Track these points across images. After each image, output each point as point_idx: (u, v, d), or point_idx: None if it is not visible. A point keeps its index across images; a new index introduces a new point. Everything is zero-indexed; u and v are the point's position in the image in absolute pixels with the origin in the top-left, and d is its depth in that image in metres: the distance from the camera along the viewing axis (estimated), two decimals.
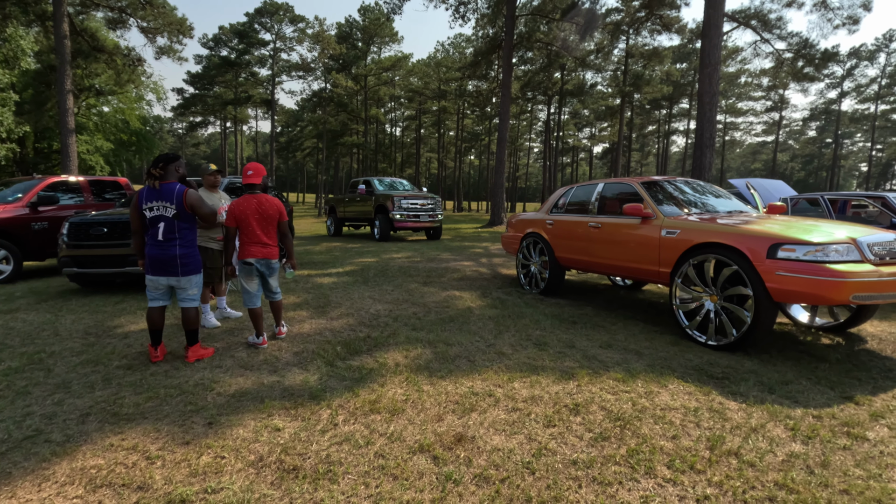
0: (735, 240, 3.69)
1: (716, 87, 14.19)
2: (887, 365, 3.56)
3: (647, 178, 5.06)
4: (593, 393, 3.04)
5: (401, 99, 56.38)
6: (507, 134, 19.48)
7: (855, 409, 2.84)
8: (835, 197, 6.91)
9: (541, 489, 2.08)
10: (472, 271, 7.73)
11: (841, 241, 3.36)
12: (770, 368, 3.45)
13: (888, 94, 50.83)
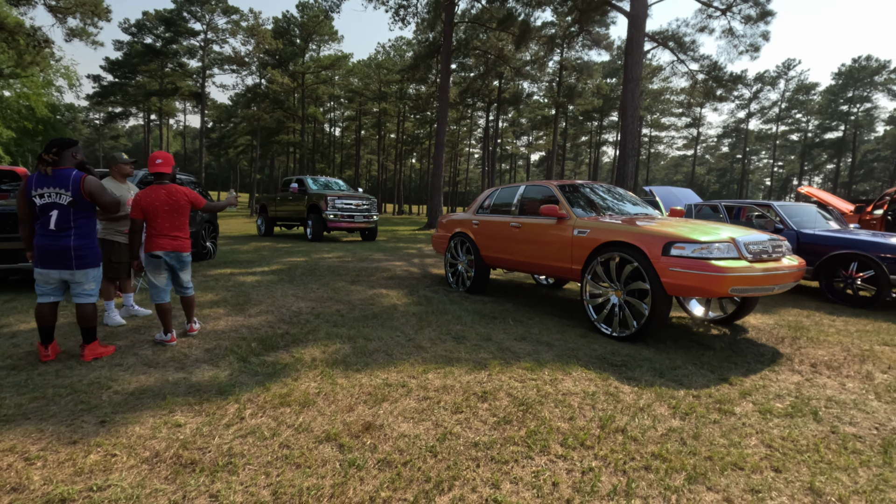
0: (636, 238, 4.01)
1: (638, 102, 15.19)
2: (761, 351, 4.00)
3: (564, 182, 5.36)
4: (502, 381, 3.19)
5: (340, 99, 55.48)
6: (446, 138, 19.73)
7: (728, 388, 3.18)
8: (731, 204, 7.65)
9: (441, 470, 2.17)
10: (403, 271, 7.78)
11: (723, 240, 3.75)
12: (663, 356, 3.78)
13: (787, 116, 56.67)
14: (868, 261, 5.73)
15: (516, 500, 1.98)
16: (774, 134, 58.25)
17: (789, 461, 2.33)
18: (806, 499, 2.04)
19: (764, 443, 2.50)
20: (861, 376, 3.46)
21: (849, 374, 3.51)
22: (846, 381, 3.36)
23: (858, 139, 54.84)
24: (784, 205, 6.95)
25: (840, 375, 3.48)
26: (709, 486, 2.11)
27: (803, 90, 54.10)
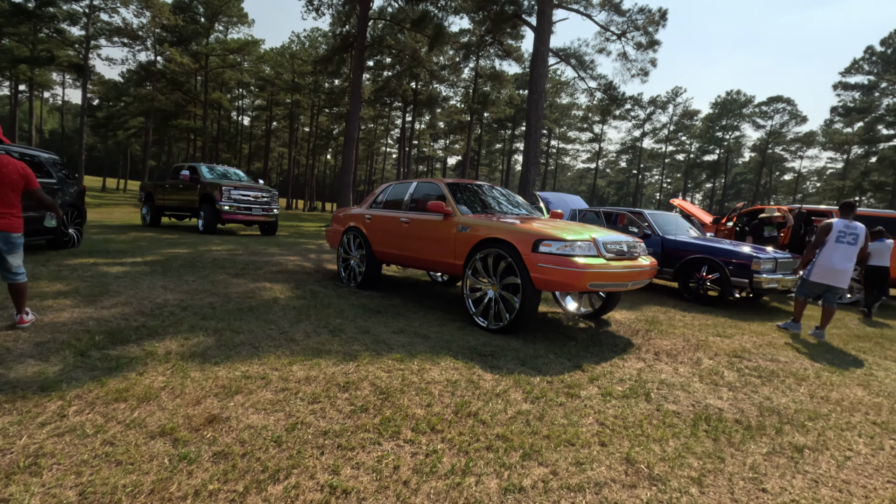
0: (510, 236, 4.21)
1: (541, 112, 16.03)
2: (616, 342, 4.40)
3: (453, 180, 5.50)
4: (369, 372, 3.18)
5: (251, 86, 52.37)
6: (357, 134, 19.42)
7: (580, 375, 3.44)
8: (609, 211, 8.36)
9: (281, 459, 2.11)
10: (296, 266, 7.51)
11: (584, 239, 4.06)
12: (529, 346, 4.01)
13: (674, 137, 63.12)
14: (716, 265, 6.53)
15: (353, 484, 1.98)
16: (664, 153, 64.55)
17: (615, 436, 2.57)
18: (620, 467, 2.26)
19: (598, 421, 2.73)
20: (692, 362, 3.93)
21: (683, 360, 3.97)
22: (679, 367, 3.79)
23: (730, 162, 62.55)
24: (653, 213, 7.72)
25: (676, 362, 3.92)
26: (541, 461, 2.27)
27: (688, 116, 60.63)
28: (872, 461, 2.50)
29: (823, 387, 3.58)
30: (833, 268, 5.18)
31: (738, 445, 2.56)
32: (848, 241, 5.17)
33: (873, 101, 42.24)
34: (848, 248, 5.17)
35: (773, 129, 56.12)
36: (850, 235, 5.18)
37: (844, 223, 5.25)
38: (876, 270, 7.07)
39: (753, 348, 4.49)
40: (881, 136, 43.40)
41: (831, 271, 5.18)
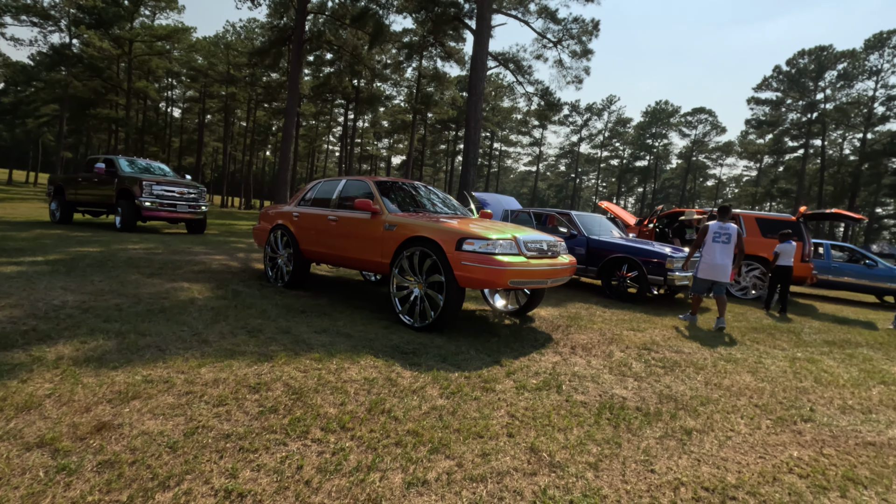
0: (435, 234, 4.25)
1: (479, 115, 16.29)
2: (537, 337, 4.56)
3: (382, 179, 5.48)
4: (284, 372, 3.10)
5: (182, 76, 49.46)
6: (296, 131, 18.84)
7: (498, 369, 3.54)
8: (539, 212, 8.66)
9: (175, 465, 2.01)
10: (221, 265, 7.18)
11: (506, 238, 4.18)
12: (452, 343, 4.06)
13: (609, 143, 66.29)
14: (635, 264, 6.93)
15: (251, 486, 1.93)
16: (599, 158, 67.61)
17: (524, 427, 2.66)
18: (524, 456, 2.35)
19: (509, 414, 2.82)
20: (605, 355, 4.14)
21: (596, 353, 4.18)
22: (592, 360, 3.99)
23: (659, 168, 66.53)
24: (580, 215, 8.07)
25: (590, 355, 4.12)
26: (448, 454, 2.30)
27: (621, 123, 63.88)
28: (749, 440, 2.75)
29: (718, 374, 3.89)
30: (714, 264, 5.87)
31: (635, 431, 2.73)
32: (723, 241, 5.88)
33: (780, 115, 46.43)
34: (723, 246, 5.88)
35: (697, 138, 60.33)
36: (723, 235, 5.89)
37: (719, 225, 5.97)
38: (782, 270, 7.75)
39: (662, 341, 4.81)
40: (787, 148, 47.81)
41: (713, 267, 5.87)
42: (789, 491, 2.23)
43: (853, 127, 42.37)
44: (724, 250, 5.86)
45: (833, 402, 3.52)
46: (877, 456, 2.69)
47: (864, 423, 3.18)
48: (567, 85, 20.06)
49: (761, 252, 8.91)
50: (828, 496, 2.22)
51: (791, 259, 7.71)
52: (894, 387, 4.05)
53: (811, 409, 3.31)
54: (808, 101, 43.32)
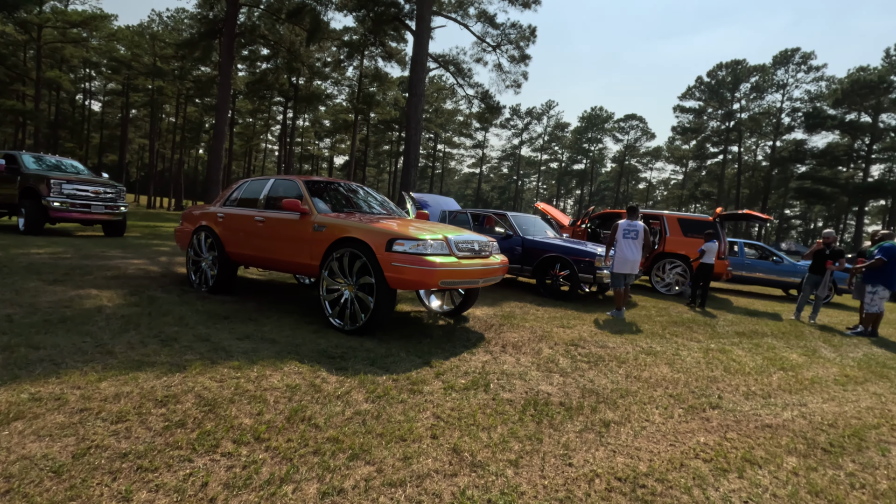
0: (365, 235, 4.17)
1: (420, 116, 16.28)
2: (470, 337, 4.58)
3: (312, 178, 5.32)
4: (197, 382, 2.91)
5: (102, 68, 45.87)
6: (228, 127, 17.97)
7: (427, 371, 3.51)
8: (477, 213, 8.78)
9: (58, 491, 1.82)
10: (138, 269, 6.68)
11: (437, 238, 4.17)
12: (383, 346, 4.00)
13: (548, 147, 68.51)
14: (567, 262, 7.16)
15: None
16: (539, 161, 69.70)
17: (448, 428, 2.64)
18: (446, 458, 2.33)
19: (435, 415, 2.80)
20: (534, 352, 4.23)
21: (526, 351, 4.26)
22: (521, 357, 4.06)
23: (595, 172, 69.57)
24: (516, 215, 8.25)
25: (519, 353, 4.19)
26: (368, 460, 2.24)
27: (560, 127, 66.21)
28: (662, 428, 2.89)
29: (638, 367, 4.08)
30: (626, 258, 6.36)
31: (557, 426, 2.79)
32: (632, 237, 6.37)
33: (703, 123, 49.94)
34: (633, 242, 6.37)
35: (629, 143, 63.65)
36: (632, 232, 6.40)
37: (627, 223, 6.48)
38: (704, 267, 8.26)
39: (589, 336, 4.98)
40: (709, 153, 51.47)
41: (625, 262, 6.36)
42: (694, 475, 2.36)
43: (765, 135, 46.35)
44: (634, 246, 6.37)
45: (739, 389, 3.79)
46: (772, 437, 2.91)
47: (763, 406, 3.43)
48: (506, 89, 20.51)
49: (683, 250, 9.50)
50: (727, 478, 2.37)
51: (713, 257, 8.25)
52: (791, 372, 4.42)
53: (719, 397, 3.54)
54: (726, 110, 46.90)
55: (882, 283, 6.95)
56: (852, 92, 37.83)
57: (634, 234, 6.36)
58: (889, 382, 4.46)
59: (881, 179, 40.49)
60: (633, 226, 6.42)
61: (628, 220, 6.50)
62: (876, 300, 6.97)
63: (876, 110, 38.82)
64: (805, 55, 42.41)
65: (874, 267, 6.93)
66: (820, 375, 4.42)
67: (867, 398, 3.91)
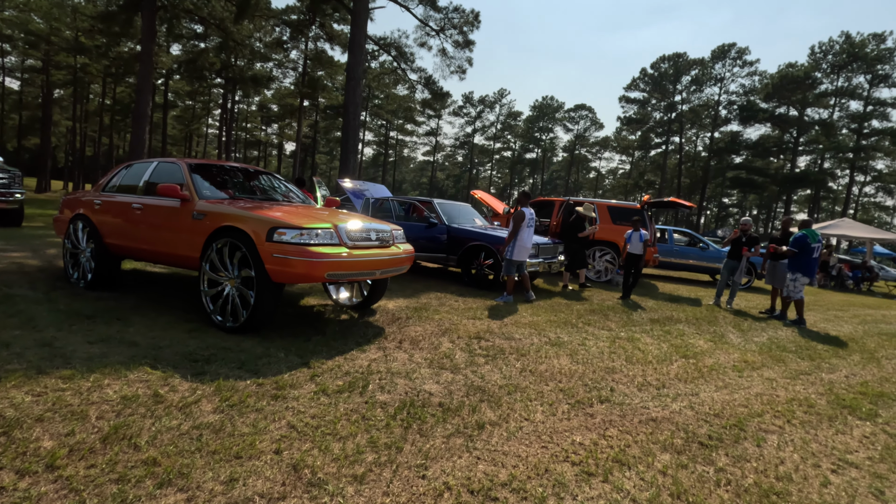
0: (244, 223, 3.78)
1: (358, 100, 15.70)
2: (368, 332, 4.29)
3: (198, 161, 4.83)
4: (7, 397, 2.47)
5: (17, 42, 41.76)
6: (149, 109, 16.73)
7: (304, 372, 3.20)
8: (403, 200, 8.47)
9: None
10: (12, 263, 5.96)
11: (324, 227, 3.83)
12: (262, 345, 3.64)
13: (501, 136, 68.81)
14: (491, 251, 6.99)
15: None
16: (493, 149, 69.95)
17: (299, 440, 2.35)
18: (281, 477, 2.04)
19: (290, 425, 2.49)
20: (431, 347, 4.00)
21: (423, 346, 4.02)
22: (416, 353, 3.81)
23: (547, 161, 70.60)
24: (442, 203, 8.00)
25: (416, 348, 3.95)
26: (182, 486, 1.92)
27: (512, 116, 66.57)
28: (540, 428, 2.72)
29: (538, 360, 3.93)
30: (525, 246, 6.41)
31: (426, 431, 2.56)
32: (533, 225, 6.52)
33: (647, 114, 51.50)
34: (531, 230, 6.49)
35: (579, 133, 64.89)
36: (532, 220, 6.51)
37: (530, 212, 6.54)
38: (632, 257, 8.29)
39: (498, 328, 4.81)
40: (653, 144, 53.23)
41: (525, 250, 6.41)
42: (555, 482, 2.18)
43: (704, 127, 48.38)
44: (532, 234, 6.49)
45: (634, 379, 3.70)
46: (652, 432, 2.80)
47: (654, 398, 3.35)
48: (451, 74, 20.16)
49: (613, 238, 9.58)
50: (590, 483, 2.21)
51: (640, 247, 8.30)
52: (693, 360, 4.41)
53: (611, 389, 3.43)
54: (668, 101, 48.54)
55: (800, 270, 7.05)
56: (782, 86, 40.01)
57: (533, 221, 6.49)
58: (784, 367, 4.55)
59: (806, 170, 43.25)
60: (532, 213, 6.50)
61: (530, 209, 6.54)
62: (798, 286, 7.06)
63: (802, 104, 41.28)
64: (741, 50, 44.40)
65: (787, 256, 7.11)
66: (720, 362, 4.44)
67: (759, 384, 3.93)
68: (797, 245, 7.04)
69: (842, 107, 41.46)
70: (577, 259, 8.36)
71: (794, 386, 3.98)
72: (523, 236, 6.32)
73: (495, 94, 64.43)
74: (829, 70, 40.27)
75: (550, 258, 7.49)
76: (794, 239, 7.12)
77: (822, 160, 43.39)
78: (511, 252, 6.36)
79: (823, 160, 43.41)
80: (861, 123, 39.65)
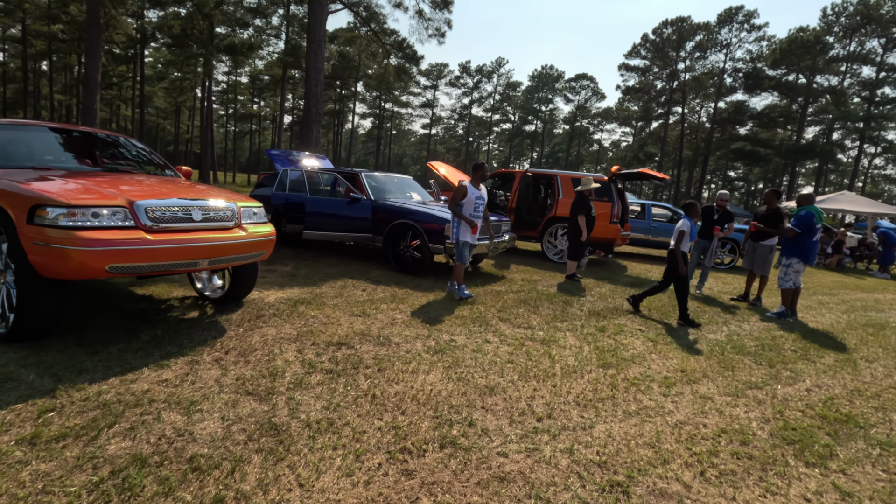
0: (5, 199, 2.86)
1: (321, 64, 14.52)
2: (197, 337, 3.39)
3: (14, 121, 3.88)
4: None
5: None
6: (98, 74, 15.63)
7: (34, 406, 2.32)
8: (328, 170, 7.49)
9: None
10: None
11: (110, 204, 2.90)
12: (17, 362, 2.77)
13: (500, 107, 66.71)
14: (416, 230, 6.05)
15: None
16: (491, 121, 67.99)
17: None
18: None
19: None
20: (264, 360, 3.09)
21: (253, 358, 3.11)
22: (233, 370, 2.92)
23: (548, 133, 68.60)
24: (370, 175, 7.02)
25: (240, 362, 3.04)
26: None
27: (511, 87, 64.35)
28: (314, 499, 1.84)
29: (398, 377, 3.03)
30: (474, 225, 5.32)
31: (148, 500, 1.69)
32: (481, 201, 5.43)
33: (648, 83, 49.40)
34: (482, 206, 5.43)
35: (580, 104, 62.76)
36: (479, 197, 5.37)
37: (472, 188, 5.33)
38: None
39: (378, 330, 3.90)
40: (654, 115, 51.29)
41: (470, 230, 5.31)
42: None
43: (708, 96, 46.34)
44: (480, 210, 5.44)
45: (516, 404, 2.81)
46: (487, 502, 1.92)
47: (525, 436, 2.46)
48: (429, 38, 18.78)
49: None
50: None
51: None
52: (613, 370, 3.52)
53: (470, 423, 2.54)
54: (671, 69, 46.41)
55: (798, 255, 5.95)
56: (790, 52, 37.94)
57: (478, 197, 5.32)
58: (731, 377, 3.65)
59: (812, 141, 41.49)
60: (474, 189, 5.34)
61: (473, 184, 5.37)
62: (790, 274, 5.98)
63: (811, 71, 39.25)
64: (748, 13, 42.03)
65: (788, 236, 5.93)
66: (648, 373, 3.55)
67: (686, 406, 3.04)
68: (802, 224, 5.84)
69: (853, 73, 39.42)
70: (580, 246, 6.98)
71: (734, 408, 3.09)
72: (467, 213, 5.27)
73: (493, 64, 62.21)
74: (841, 34, 38.08)
75: (497, 238, 6.53)
76: (798, 217, 5.94)
77: (831, 131, 41.58)
78: (456, 233, 5.29)
79: (832, 131, 41.60)
80: (872, 91, 37.70)
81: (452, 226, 5.32)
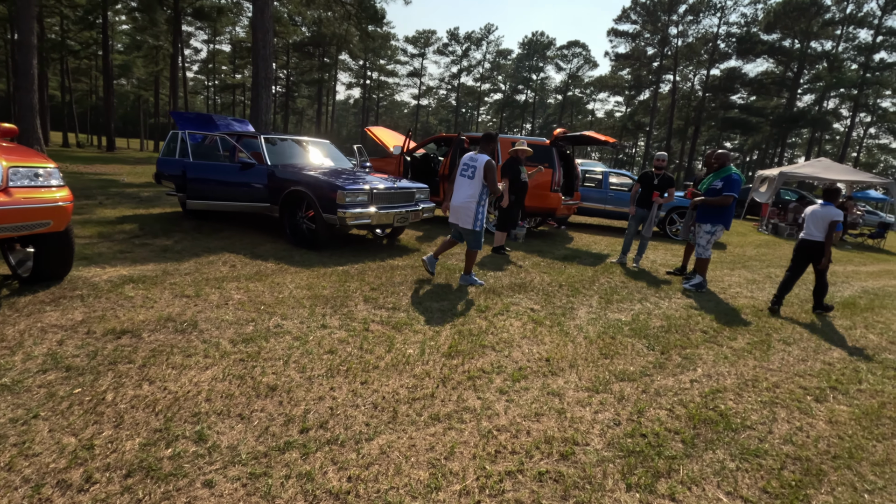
0: None
1: (268, 24, 13.58)
2: None
3: None
4: None
5: None
6: (33, 38, 14.61)
7: None
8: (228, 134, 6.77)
9: None
10: None
11: None
12: None
13: (490, 77, 64.77)
14: (310, 199, 5.41)
15: None
16: (481, 91, 66.14)
17: None
18: None
19: None
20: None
21: None
22: None
23: (540, 103, 66.87)
24: (270, 137, 6.32)
25: None
26: None
27: (501, 55, 62.32)
28: None
29: (164, 372, 2.46)
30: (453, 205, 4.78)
31: None
32: (468, 175, 4.62)
33: (639, 49, 47.76)
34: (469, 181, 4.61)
35: (572, 72, 60.95)
36: (469, 168, 4.61)
37: (470, 156, 4.71)
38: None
39: (202, 311, 3.31)
40: (645, 82, 49.83)
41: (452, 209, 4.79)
42: None
43: (700, 64, 44.87)
44: (468, 186, 4.58)
45: (278, 415, 2.25)
46: None
47: (242, 464, 1.90)
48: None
49: None
50: None
51: None
52: (459, 359, 2.95)
53: (184, 449, 1.97)
54: (662, 35, 44.78)
55: (723, 222, 5.51)
56: (784, 14, 36.49)
57: (472, 170, 4.56)
58: (608, 365, 3.09)
59: (803, 109, 40.38)
60: (474, 160, 4.60)
61: (472, 153, 4.72)
62: (712, 242, 5.57)
63: (806, 36, 37.88)
64: None
65: (722, 204, 5.43)
66: (502, 363, 2.98)
67: (518, 408, 2.48)
68: (737, 189, 5.39)
69: (848, 37, 38.07)
70: (508, 215, 6.51)
71: (583, 408, 2.54)
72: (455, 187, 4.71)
73: (482, 30, 60.10)
74: None
75: (406, 207, 5.88)
76: (731, 181, 5.38)
77: (825, 99, 40.43)
78: (481, 218, 4.66)
79: (826, 99, 40.46)
80: (868, 56, 36.45)
81: (477, 209, 4.58)
